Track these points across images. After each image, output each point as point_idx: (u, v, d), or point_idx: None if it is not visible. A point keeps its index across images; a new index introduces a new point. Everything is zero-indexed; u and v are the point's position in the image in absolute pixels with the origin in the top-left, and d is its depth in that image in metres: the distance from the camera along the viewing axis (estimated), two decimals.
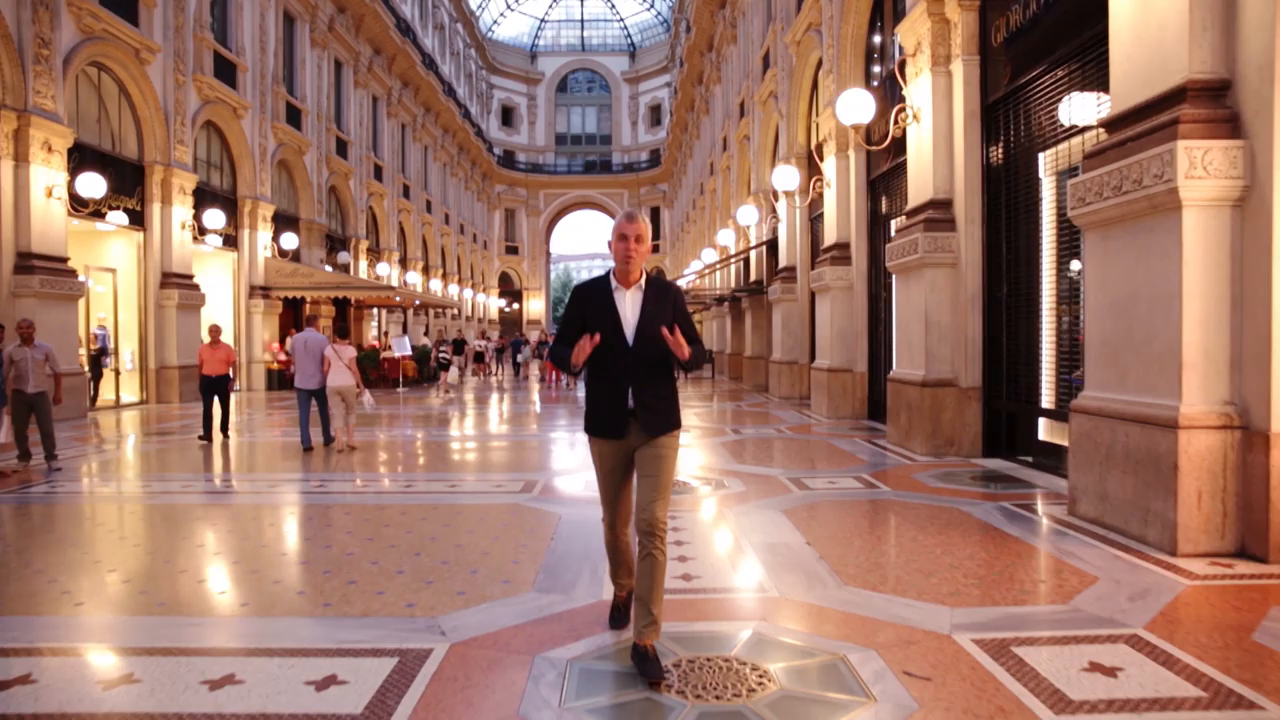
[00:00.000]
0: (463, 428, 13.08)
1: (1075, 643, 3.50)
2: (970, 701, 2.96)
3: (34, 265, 13.23)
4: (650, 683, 3.08)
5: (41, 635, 3.78)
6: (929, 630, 3.66)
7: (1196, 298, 4.85)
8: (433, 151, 40.21)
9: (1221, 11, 4.85)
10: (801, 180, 15.54)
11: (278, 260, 22.42)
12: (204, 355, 11.11)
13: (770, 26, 19.10)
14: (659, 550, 3.29)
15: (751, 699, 2.97)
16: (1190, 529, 4.80)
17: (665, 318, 3.42)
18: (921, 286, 9.10)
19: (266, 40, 21.97)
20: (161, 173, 17.34)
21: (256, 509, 6.80)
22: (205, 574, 4.81)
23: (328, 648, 3.55)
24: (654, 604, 3.26)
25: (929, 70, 9.05)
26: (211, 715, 2.92)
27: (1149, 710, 2.88)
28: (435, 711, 2.92)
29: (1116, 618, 3.79)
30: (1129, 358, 5.37)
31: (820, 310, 14.01)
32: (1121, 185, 5.26)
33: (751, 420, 13.37)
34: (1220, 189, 4.76)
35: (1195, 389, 4.85)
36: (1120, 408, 5.38)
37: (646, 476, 3.39)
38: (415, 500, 7.04)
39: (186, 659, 3.46)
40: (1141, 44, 5.31)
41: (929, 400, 8.96)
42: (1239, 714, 2.85)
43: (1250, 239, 4.73)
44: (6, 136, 12.92)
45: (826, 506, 6.46)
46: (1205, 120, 4.82)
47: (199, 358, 11.28)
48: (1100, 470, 5.57)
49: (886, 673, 3.20)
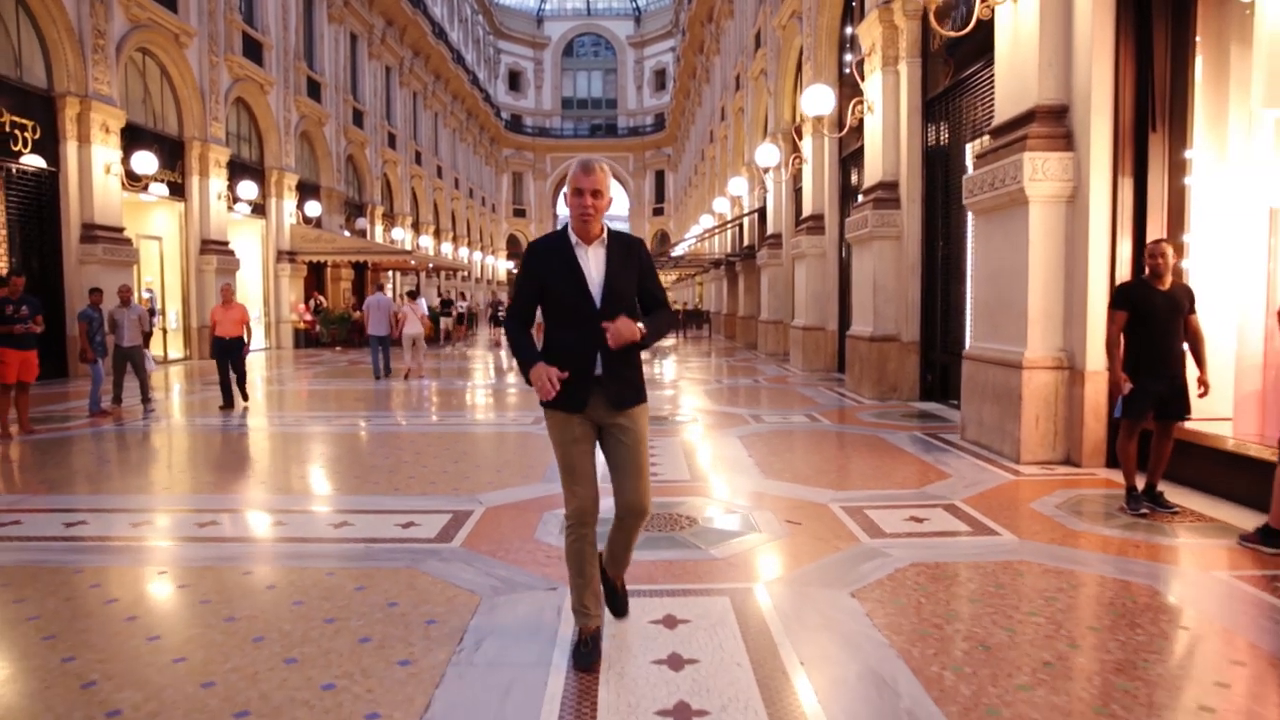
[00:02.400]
0: (474, 379, 14.82)
1: (908, 507, 5.19)
2: (821, 533, 4.65)
3: (97, 235, 14.87)
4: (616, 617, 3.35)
5: (221, 505, 5.51)
6: (813, 501, 5.35)
7: (1039, 271, 6.46)
8: (442, 118, 41.52)
9: (1062, 52, 6.39)
10: (784, 155, 17.01)
11: (302, 227, 24.04)
12: (216, 316, 10.68)
13: (761, 8, 20.39)
14: (639, 523, 3.15)
15: (679, 530, 4.67)
16: (1030, 444, 6.47)
17: (631, 275, 3.08)
18: (871, 256, 10.69)
19: (288, 18, 23.36)
20: (199, 147, 18.90)
21: (333, 434, 8.52)
22: (306, 472, 6.55)
23: (404, 508, 5.27)
24: (625, 559, 3.28)
25: (880, 69, 10.53)
26: (338, 540, 4.64)
27: (930, 537, 4.57)
28: (480, 536, 4.63)
29: (946, 496, 5.47)
30: (999, 316, 7.00)
31: (798, 275, 15.59)
32: (994, 183, 6.84)
33: (736, 373, 15.06)
34: (1055, 189, 6.34)
35: (1037, 339, 6.48)
36: (991, 354, 7.02)
37: (623, 461, 3.06)
38: (449, 430, 8.76)
39: (315, 515, 5.19)
40: (1012, 73, 6.86)
41: (876, 353, 10.60)
42: (985, 538, 4.53)
43: (1076, 227, 6.33)
44: (71, 120, 14.50)
45: (773, 434, 8.15)
46: (1047, 136, 6.38)
47: (211, 319, 10.85)
48: (978, 403, 7.23)
49: (774, 520, 4.89)
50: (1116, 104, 6.15)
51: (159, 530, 4.93)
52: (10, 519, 5.11)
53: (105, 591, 3.87)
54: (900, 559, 4.16)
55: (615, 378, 3.02)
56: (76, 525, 4.98)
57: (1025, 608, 3.53)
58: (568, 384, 2.94)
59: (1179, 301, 4.90)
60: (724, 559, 4.20)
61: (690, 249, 31.33)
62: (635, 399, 3.09)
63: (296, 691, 2.81)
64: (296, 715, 2.65)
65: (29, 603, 3.68)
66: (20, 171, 13.72)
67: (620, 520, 3.15)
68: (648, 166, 59.89)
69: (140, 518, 5.19)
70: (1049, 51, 6.42)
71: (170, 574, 4.13)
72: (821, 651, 3.12)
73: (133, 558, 4.42)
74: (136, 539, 4.74)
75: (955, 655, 3.07)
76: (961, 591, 3.76)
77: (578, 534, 3.05)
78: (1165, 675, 2.94)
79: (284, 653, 3.12)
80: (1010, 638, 3.22)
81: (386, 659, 3.06)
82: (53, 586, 3.89)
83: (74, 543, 4.65)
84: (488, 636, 3.25)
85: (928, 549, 4.36)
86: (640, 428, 3.09)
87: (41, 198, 14.25)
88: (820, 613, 3.50)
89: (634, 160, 59.94)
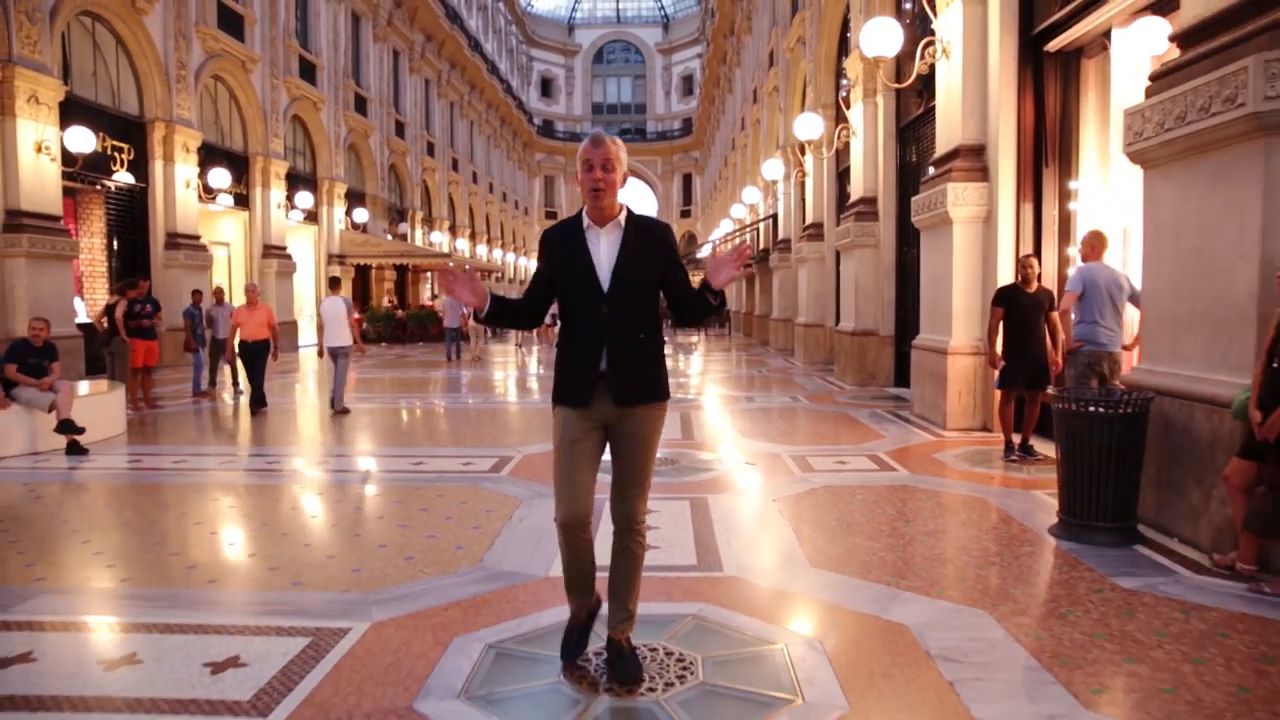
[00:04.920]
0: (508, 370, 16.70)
1: (840, 456, 6.87)
2: (766, 469, 6.35)
3: (179, 243, 16.93)
4: (627, 688, 2.79)
5: (326, 453, 7.34)
6: (771, 452, 7.06)
7: (961, 276, 8.09)
8: (478, 126, 43.58)
9: (980, 101, 8.02)
10: (790, 168, 18.63)
11: (351, 232, 26.10)
12: (240, 318, 9.88)
13: (774, 29, 22.00)
14: (637, 544, 2.89)
15: (667, 466, 6.41)
16: (954, 414, 8.10)
17: (651, 262, 2.82)
18: (854, 261, 12.33)
19: (339, 40, 25.43)
20: (262, 162, 20.97)
21: (397, 410, 10.36)
22: (386, 434, 8.39)
23: (464, 455, 7.06)
24: (631, 600, 2.91)
25: (862, 100, 12.17)
26: (417, 472, 6.43)
27: (847, 473, 6.24)
28: (519, 470, 6.37)
29: (874, 450, 7.14)
30: (934, 313, 8.64)
31: (801, 277, 17.21)
32: (930, 205, 8.48)
33: (743, 365, 16.76)
34: (973, 212, 7.97)
35: (959, 331, 8.11)
36: (929, 344, 8.66)
37: (623, 463, 2.86)
38: (489, 407, 10.59)
39: (399, 458, 7.01)
40: (946, 117, 8.50)
41: (857, 345, 12.24)
42: (885, 473, 6.20)
43: (989, 242, 7.95)
44: (158, 142, 16.56)
45: (758, 410, 9.86)
46: (967, 169, 8.02)
47: (234, 321, 10.08)
48: (921, 383, 8.87)
49: (737, 462, 6.61)
50: (1019, 144, 7.77)
51: (291, 467, 6.79)
52: (169, 462, 7.00)
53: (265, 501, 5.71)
54: (817, 483, 5.86)
55: (620, 370, 2.78)
56: (227, 462, 6.85)
57: (887, 508, 5.22)
58: (569, 377, 2.83)
59: (1041, 301, 6.53)
60: (692, 482, 5.93)
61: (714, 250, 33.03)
62: (645, 396, 2.82)
63: (410, 540, 4.59)
64: (414, 548, 4.42)
65: (220, 502, 5.53)
66: (117, 188, 15.79)
67: (617, 536, 2.91)
68: (675, 170, 61.58)
69: (272, 460, 7.06)
70: (970, 101, 8.05)
71: (308, 489, 5.96)
72: (741, 526, 4.84)
73: (276, 484, 6.27)
74: (275, 471, 6.59)
75: (827, 527, 4.77)
76: (849, 500, 5.44)
77: (570, 532, 2.82)
78: (953, 532, 4.61)
79: (397, 524, 4.92)
80: (868, 520, 4.91)
81: (463, 525, 4.84)
82: (261, 497, 5.74)
83: (268, 473, 6.52)
84: (526, 517, 5.01)
85: (840, 478, 6.05)
86: (645, 430, 2.83)
87: (134, 210, 16.34)
88: (747, 509, 5.22)
89: (662, 164, 61.67)
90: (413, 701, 2.71)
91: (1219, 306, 4.23)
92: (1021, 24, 7.68)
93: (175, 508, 5.47)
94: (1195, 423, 4.31)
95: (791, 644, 3.13)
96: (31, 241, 12.13)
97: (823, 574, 3.97)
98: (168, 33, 16.68)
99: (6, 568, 4.22)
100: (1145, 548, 4.31)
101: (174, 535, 4.81)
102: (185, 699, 2.74)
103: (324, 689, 2.80)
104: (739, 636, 3.22)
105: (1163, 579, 3.84)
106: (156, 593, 3.82)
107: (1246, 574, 3.78)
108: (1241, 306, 4.06)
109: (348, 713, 2.64)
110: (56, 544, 4.64)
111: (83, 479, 6.40)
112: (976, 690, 2.76)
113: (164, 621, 3.43)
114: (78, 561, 4.32)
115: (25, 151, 12.32)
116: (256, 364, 9.81)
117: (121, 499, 5.77)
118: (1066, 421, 4.53)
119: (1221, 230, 4.18)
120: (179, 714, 2.65)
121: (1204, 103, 4.12)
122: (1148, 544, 4.37)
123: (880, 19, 8.76)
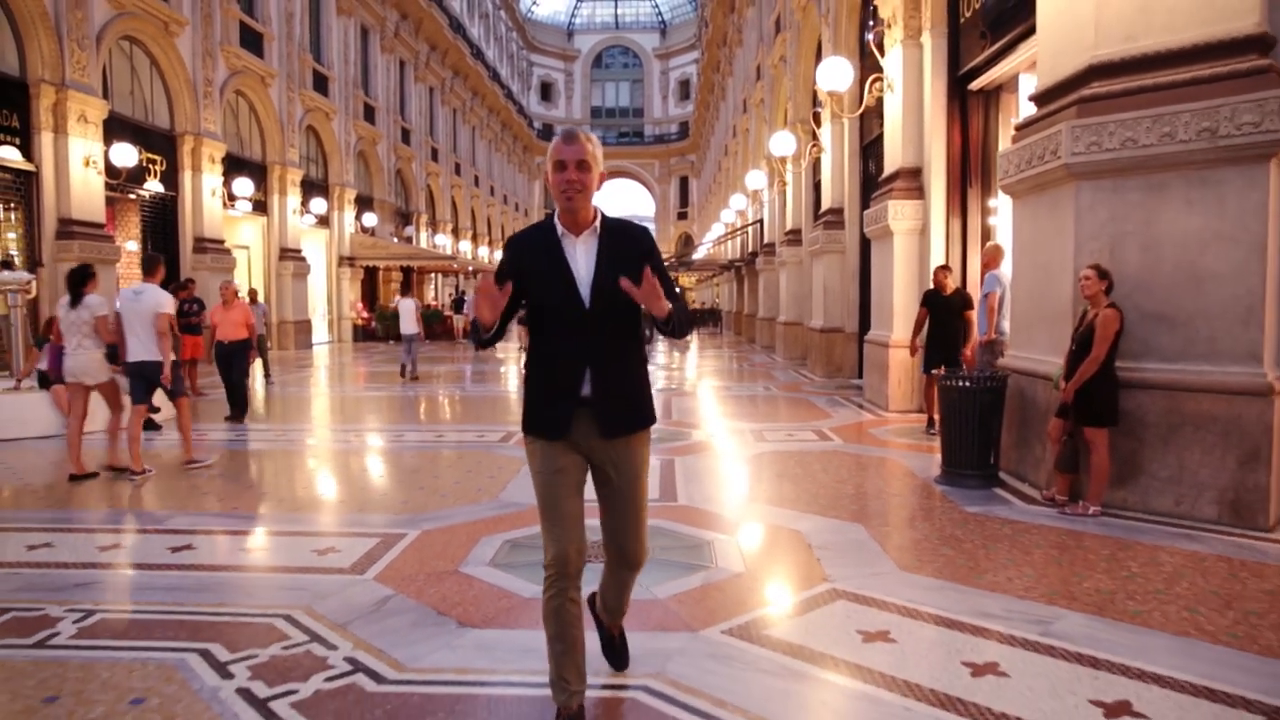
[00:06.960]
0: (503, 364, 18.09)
1: (790, 431, 8.24)
2: (728, 440, 7.70)
3: (205, 246, 18.30)
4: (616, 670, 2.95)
5: (362, 428, 8.71)
6: (736, 429, 8.41)
7: (900, 280, 9.46)
8: (479, 131, 44.96)
9: (917, 131, 9.38)
10: (771, 178, 20.01)
11: (360, 235, 27.46)
12: (215, 318, 9.40)
13: (760, 45, 23.35)
14: (635, 575, 2.83)
15: None
16: (895, 398, 9.47)
17: (631, 271, 2.42)
18: (822, 266, 13.70)
19: (349, 52, 26.79)
20: (279, 170, 22.33)
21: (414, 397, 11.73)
22: (411, 412, 9.75)
23: (478, 429, 8.43)
24: (622, 608, 2.93)
25: (829, 122, 13.53)
26: (439, 443, 7.79)
27: (792, 443, 7.60)
28: None
29: (820, 426, 8.50)
30: (881, 312, 10.01)
31: (782, 279, 18.58)
32: (877, 218, 9.85)
33: (728, 360, 18.12)
34: (910, 225, 9.34)
35: (899, 326, 9.47)
36: (877, 338, 10.03)
37: (614, 503, 2.68)
38: (494, 393, 11.96)
39: (425, 432, 8.38)
40: (890, 142, 9.87)
41: (826, 341, 13.61)
42: (823, 443, 7.56)
43: (924, 251, 9.32)
44: (187, 154, 17.93)
45: (730, 396, 11.24)
46: (906, 188, 9.38)
47: (210, 321, 9.66)
48: (871, 372, 10.25)
49: (706, 434, 7.97)
50: (949, 167, 9.13)
51: (327, 439, 8.15)
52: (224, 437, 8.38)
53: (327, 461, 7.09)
54: (765, 450, 7.23)
55: (607, 397, 2.55)
56: (299, 436, 8.22)
57: (814, 466, 6.58)
58: (549, 404, 2.58)
59: (955, 303, 7.89)
60: (666, 448, 7.29)
61: (707, 253, 34.47)
62: (632, 424, 2.65)
63: (442, 484, 5.96)
64: (446, 489, 5.79)
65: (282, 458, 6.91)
66: (151, 197, 17.16)
67: (611, 568, 2.81)
68: (673, 172, 62.99)
69: (306, 434, 8.42)
70: (909, 129, 9.42)
71: (349, 451, 7.33)
72: (698, 476, 6.21)
73: (329, 448, 7.64)
74: (318, 442, 7.97)
75: (764, 478, 6.14)
76: (786, 460, 6.80)
77: (557, 589, 2.54)
78: (859, 480, 5.98)
79: (431, 473, 6.29)
80: (797, 474, 6.27)
81: (481, 475, 6.22)
82: (322, 458, 7.12)
83: (319, 444, 7.89)
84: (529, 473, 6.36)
85: (785, 446, 7.42)
86: (637, 462, 2.67)
87: (165, 217, 17.71)
88: (706, 466, 6.60)
89: (660, 166, 63.07)
90: (457, 567, 4.08)
91: (1054, 307, 5.60)
92: (950, 65, 9.05)
93: (254, 468, 6.85)
94: (1038, 395, 5.69)
95: (716, 542, 4.50)
96: (81, 247, 13.49)
97: (753, 505, 5.35)
98: (196, 52, 18.04)
99: (164, 501, 5.60)
100: (1002, 490, 5.68)
101: (268, 484, 6.19)
102: (304, 566, 4.14)
103: (396, 563, 4.17)
104: (680, 536, 4.60)
105: (1001, 507, 5.21)
106: (273, 514, 5.21)
107: (1060, 503, 5.15)
108: (1065, 307, 5.42)
109: (414, 573, 4.01)
110: (183, 492, 6.01)
111: (165, 448, 7.77)
112: (833, 562, 4.13)
113: (283, 529, 4.84)
114: (206, 501, 5.70)
115: (76, 166, 13.70)
116: (235, 365, 9.23)
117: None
118: (945, 394, 5.90)
119: (1055, 249, 5.55)
120: (305, 574, 4.03)
121: (1040, 152, 5.49)
122: (1005, 487, 5.74)
123: (834, 59, 10.15)
